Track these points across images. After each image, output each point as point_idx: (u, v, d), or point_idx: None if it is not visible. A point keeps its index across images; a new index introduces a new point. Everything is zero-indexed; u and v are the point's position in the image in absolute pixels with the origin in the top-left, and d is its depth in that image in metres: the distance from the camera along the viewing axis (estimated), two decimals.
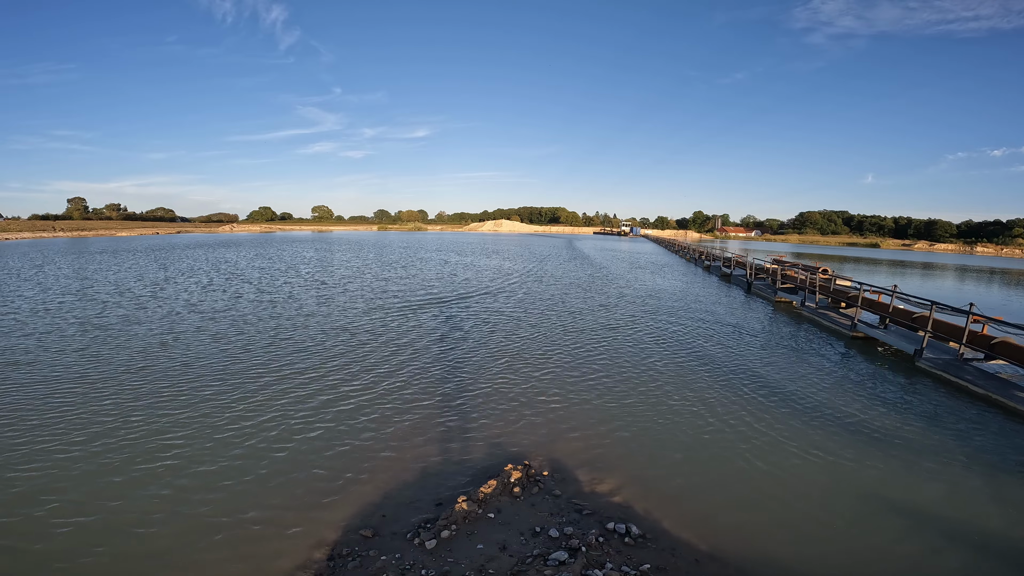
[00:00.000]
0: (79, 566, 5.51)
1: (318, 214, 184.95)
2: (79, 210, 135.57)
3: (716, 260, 45.19)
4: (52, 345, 14.02)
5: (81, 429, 8.79)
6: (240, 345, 14.36)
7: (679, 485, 7.44)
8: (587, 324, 18.42)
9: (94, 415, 9.40)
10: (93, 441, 8.36)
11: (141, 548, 5.77)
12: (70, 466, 7.55)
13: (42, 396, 10.28)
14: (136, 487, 7.04)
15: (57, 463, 7.63)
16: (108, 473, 7.40)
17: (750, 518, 6.65)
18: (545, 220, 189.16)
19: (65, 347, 13.87)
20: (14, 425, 8.91)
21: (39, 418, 9.22)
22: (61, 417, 9.27)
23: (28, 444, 8.21)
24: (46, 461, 7.68)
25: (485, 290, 26.86)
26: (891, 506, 7.03)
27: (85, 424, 9.00)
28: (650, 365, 13.41)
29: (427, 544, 5.77)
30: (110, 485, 7.08)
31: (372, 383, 11.44)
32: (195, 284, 27.20)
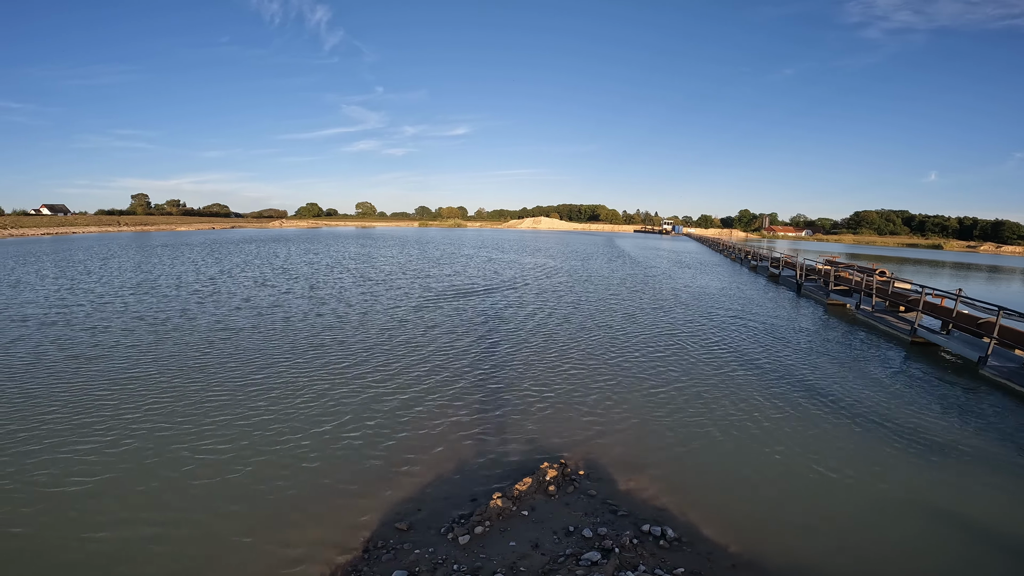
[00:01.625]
0: (119, 551, 5.84)
1: (362, 210, 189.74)
2: (142, 206, 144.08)
3: (763, 260, 43.56)
4: (109, 340, 14.94)
5: (112, 428, 9.32)
6: (288, 340, 14.87)
7: (719, 490, 7.21)
8: (629, 323, 18.12)
9: (145, 411, 9.94)
10: (136, 437, 8.84)
11: (196, 531, 6.04)
12: (114, 451, 8.03)
13: (103, 387, 10.97)
14: (184, 476, 7.39)
15: (101, 448, 8.13)
16: (159, 466, 7.79)
17: (792, 527, 6.37)
18: (584, 218, 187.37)
19: (122, 341, 14.75)
20: (81, 417, 9.54)
21: (94, 411, 9.84)
22: (96, 413, 9.87)
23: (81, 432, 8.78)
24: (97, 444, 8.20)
25: (529, 288, 26.85)
26: (948, 522, 6.58)
27: (120, 422, 9.54)
28: (692, 367, 13.06)
29: (460, 539, 5.79)
30: (160, 477, 7.46)
31: (414, 379, 11.61)
32: (248, 279, 28.41)
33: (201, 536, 5.93)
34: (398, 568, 5.35)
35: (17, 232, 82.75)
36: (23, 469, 7.32)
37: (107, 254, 43.72)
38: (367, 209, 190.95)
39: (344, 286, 25.55)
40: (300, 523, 6.18)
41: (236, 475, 7.26)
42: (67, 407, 9.52)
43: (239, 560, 5.55)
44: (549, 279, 30.08)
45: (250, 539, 5.87)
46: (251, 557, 5.59)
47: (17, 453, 7.77)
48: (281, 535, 5.95)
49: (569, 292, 25.43)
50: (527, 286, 27.23)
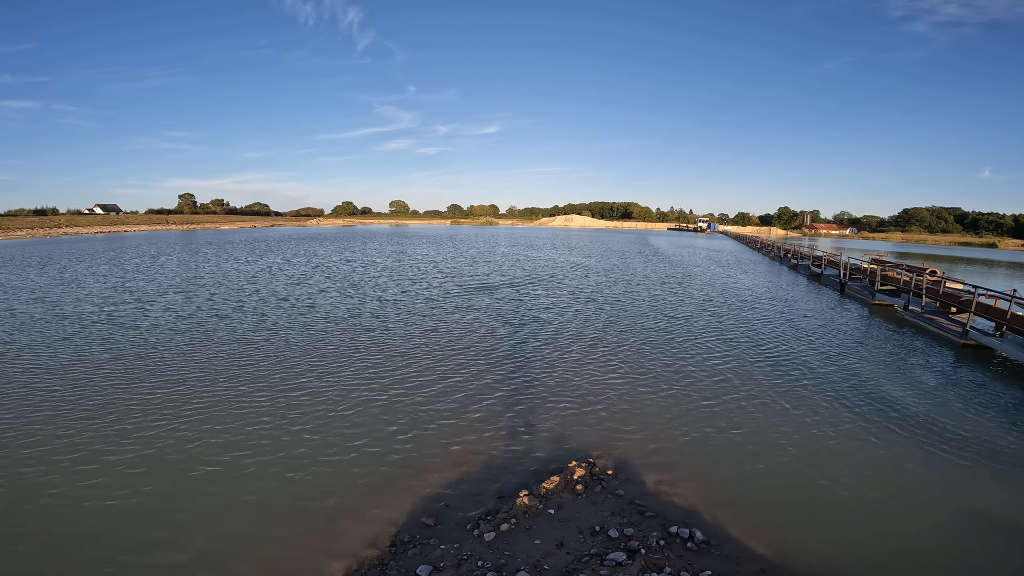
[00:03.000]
0: (151, 537, 6.11)
1: (395, 208, 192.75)
2: (189, 205, 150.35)
3: (804, 258, 42.09)
4: (153, 340, 15.66)
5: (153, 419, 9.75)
6: (324, 337, 15.26)
7: (750, 494, 7.04)
8: (663, 322, 17.84)
9: (188, 406, 10.38)
10: (178, 429, 9.23)
11: (225, 520, 6.28)
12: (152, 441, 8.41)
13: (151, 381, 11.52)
14: (218, 466, 7.68)
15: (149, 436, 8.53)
16: (195, 460, 8.13)
17: (826, 536, 6.17)
18: (617, 215, 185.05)
19: (165, 341, 15.44)
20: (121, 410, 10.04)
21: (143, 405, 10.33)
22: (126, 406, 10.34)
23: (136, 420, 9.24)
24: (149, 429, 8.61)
25: (564, 286, 26.76)
26: (1001, 535, 6.22)
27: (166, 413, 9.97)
28: (727, 369, 12.75)
29: (486, 536, 5.84)
30: (197, 471, 7.77)
31: (445, 374, 11.74)
32: (288, 277, 29.30)
33: (231, 525, 6.14)
34: (423, 563, 5.42)
35: (72, 231, 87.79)
36: (57, 464, 7.75)
37: (155, 252, 45.85)
38: (400, 207, 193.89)
39: (380, 284, 26.03)
40: (330, 515, 6.33)
41: (269, 467, 7.51)
42: (109, 408, 10.01)
43: (268, 550, 5.72)
44: (587, 278, 29.86)
45: (280, 531, 6.04)
46: (279, 548, 5.75)
47: (55, 447, 8.24)
48: (311, 527, 6.10)
49: (603, 291, 25.20)
50: (562, 285, 27.11)
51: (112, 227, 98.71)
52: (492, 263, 37.72)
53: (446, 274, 30.37)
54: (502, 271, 32.68)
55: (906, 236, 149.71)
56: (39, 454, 7.76)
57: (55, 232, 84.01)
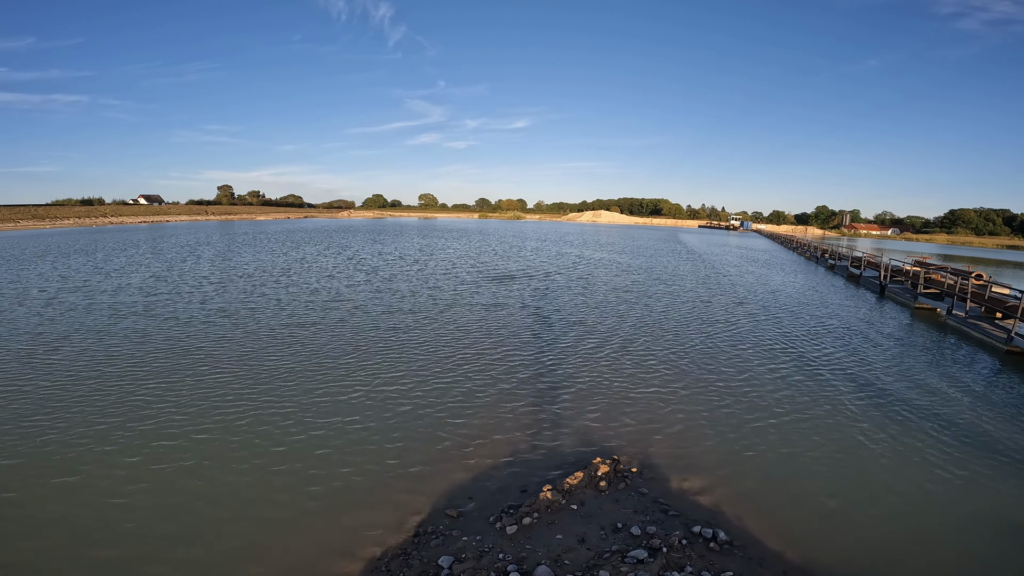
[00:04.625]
0: (177, 522, 6.36)
1: (424, 202, 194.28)
2: (227, 196, 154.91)
3: (842, 259, 40.73)
4: (196, 331, 16.22)
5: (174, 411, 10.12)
6: (354, 331, 15.55)
7: (777, 496, 6.94)
8: (692, 321, 17.58)
9: (221, 397, 10.74)
10: (211, 420, 9.56)
11: (252, 509, 6.44)
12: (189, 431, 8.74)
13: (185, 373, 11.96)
14: (242, 453, 7.92)
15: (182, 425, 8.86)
16: (231, 452, 8.41)
17: (854, 539, 6.05)
18: (646, 212, 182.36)
19: (205, 331, 15.99)
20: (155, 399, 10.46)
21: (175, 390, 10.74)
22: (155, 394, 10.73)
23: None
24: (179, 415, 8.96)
25: (596, 284, 26.63)
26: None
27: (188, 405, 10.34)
28: (756, 369, 12.50)
29: (508, 529, 5.90)
30: (223, 459, 8.02)
31: (472, 370, 11.86)
32: (320, 269, 29.99)
33: (258, 511, 6.30)
34: (445, 553, 5.52)
35: (117, 220, 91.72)
36: (103, 449, 8.14)
37: (195, 242, 47.53)
38: (429, 201, 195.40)
39: (412, 278, 26.36)
40: (356, 505, 6.47)
41: (297, 455, 7.71)
42: (154, 395, 10.43)
43: (293, 537, 5.85)
44: (620, 276, 29.54)
45: (306, 518, 6.18)
46: (305, 535, 5.90)
47: (99, 434, 8.64)
48: (336, 516, 6.24)
49: (635, 288, 24.96)
50: (595, 282, 26.96)
51: (155, 217, 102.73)
52: (523, 258, 37.69)
53: (478, 268, 30.53)
54: (534, 266, 32.64)
55: (951, 238, 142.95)
56: (57, 446, 8.19)
57: (101, 221, 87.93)
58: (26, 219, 79.55)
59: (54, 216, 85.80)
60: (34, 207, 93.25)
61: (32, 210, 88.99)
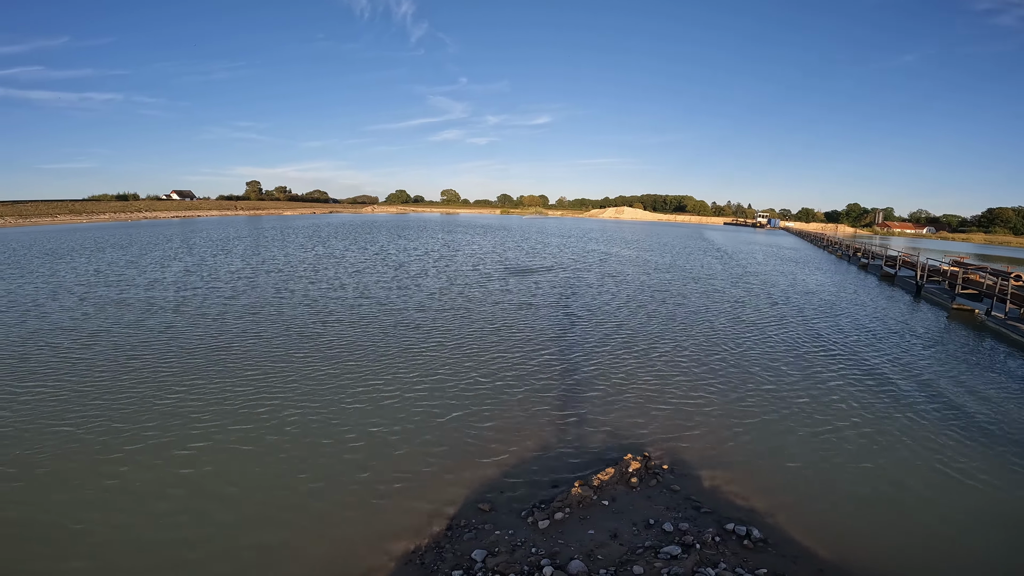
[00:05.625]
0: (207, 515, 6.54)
1: (446, 197, 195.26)
2: (255, 192, 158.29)
3: (876, 258, 39.60)
4: (227, 328, 16.60)
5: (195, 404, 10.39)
6: (384, 327, 15.72)
7: (811, 495, 6.88)
8: (722, 319, 17.35)
9: (252, 393, 10.98)
10: (243, 414, 9.80)
11: (284, 505, 6.44)
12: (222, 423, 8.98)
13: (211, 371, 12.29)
14: (280, 446, 8.09)
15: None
16: (263, 456, 8.59)
17: (889, 539, 5.98)
18: (670, 209, 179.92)
19: (240, 329, 16.38)
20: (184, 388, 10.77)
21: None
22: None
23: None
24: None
25: (625, 280, 26.49)
26: None
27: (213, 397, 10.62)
28: (788, 368, 12.30)
29: (540, 524, 5.94)
30: (261, 452, 8.20)
31: (504, 365, 11.93)
32: (348, 265, 30.45)
33: (292, 502, 6.39)
34: (478, 547, 5.58)
35: (151, 215, 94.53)
36: (150, 442, 8.43)
37: (225, 238, 48.75)
38: (451, 196, 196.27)
39: (439, 274, 26.57)
40: (388, 498, 6.54)
41: (331, 448, 7.85)
42: (186, 392, 10.60)
43: (328, 528, 5.94)
44: (649, 274, 29.23)
45: (340, 510, 6.27)
46: (339, 526, 5.97)
47: (141, 428, 8.95)
48: (369, 509, 6.31)
49: (663, 286, 24.73)
50: (623, 278, 26.79)
51: (187, 212, 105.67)
52: (549, 255, 37.59)
53: (503, 265, 30.60)
54: (560, 263, 32.56)
55: (989, 238, 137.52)
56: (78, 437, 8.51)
57: (136, 216, 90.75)
58: (64, 213, 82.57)
59: (91, 211, 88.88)
60: (71, 202, 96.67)
61: (70, 205, 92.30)
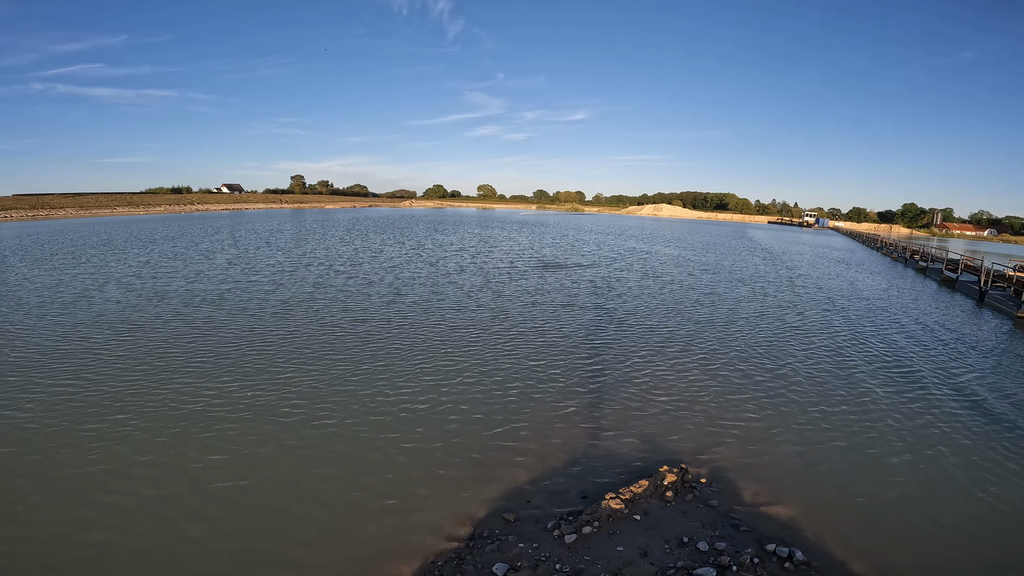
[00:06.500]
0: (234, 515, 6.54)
1: (483, 192, 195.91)
2: (299, 186, 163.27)
3: (935, 261, 37.27)
4: (265, 323, 16.94)
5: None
6: (414, 326, 15.68)
7: (859, 515, 6.46)
8: (766, 324, 16.63)
9: (279, 390, 10.98)
10: (273, 416, 9.88)
11: (303, 509, 6.24)
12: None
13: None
14: (297, 455, 7.91)
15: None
16: (287, 443, 8.50)
17: (940, 563, 5.59)
18: (711, 206, 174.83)
19: (275, 324, 16.68)
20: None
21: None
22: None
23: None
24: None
25: (667, 280, 25.86)
26: None
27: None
28: (835, 377, 11.63)
29: (566, 538, 5.68)
30: (278, 455, 8.15)
31: (535, 366, 11.66)
32: (384, 262, 30.83)
33: (314, 508, 6.21)
34: (500, 560, 5.35)
35: (203, 207, 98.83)
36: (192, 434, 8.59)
37: (269, 231, 50.30)
38: (487, 192, 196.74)
39: (474, 271, 26.53)
40: (411, 502, 6.35)
41: (354, 452, 7.62)
42: (218, 389, 10.63)
43: (349, 534, 5.76)
44: (692, 276, 28.27)
45: (361, 516, 6.08)
46: (360, 533, 5.80)
47: (185, 416, 9.15)
48: (389, 515, 6.13)
49: (704, 286, 23.97)
50: (664, 279, 26.13)
51: (235, 205, 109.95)
52: (586, 253, 37.01)
53: (539, 262, 30.28)
54: (597, 262, 31.97)
55: None
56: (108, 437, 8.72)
57: (188, 208, 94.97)
58: (122, 206, 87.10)
59: (147, 203, 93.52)
60: (129, 195, 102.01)
61: (128, 197, 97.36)
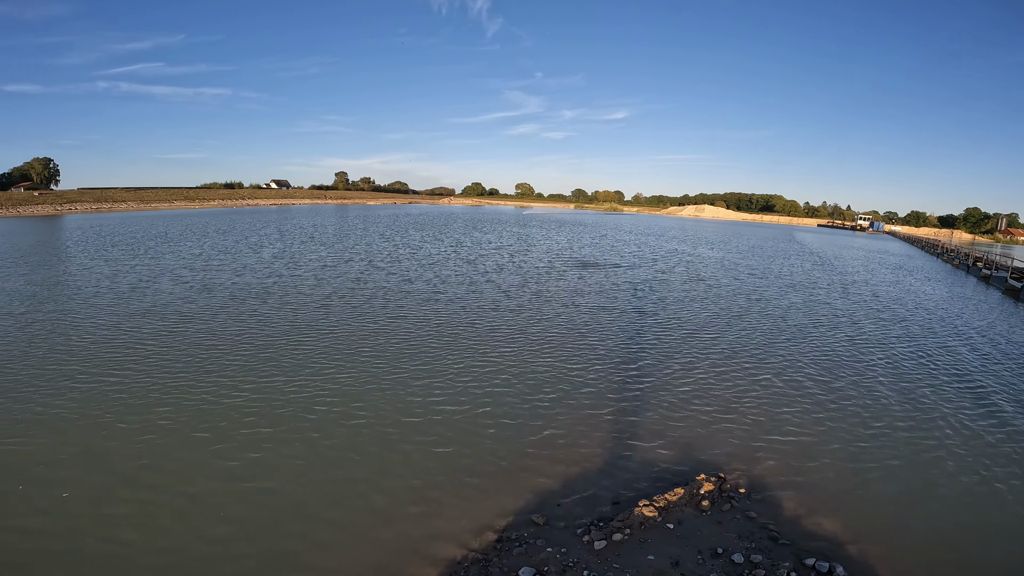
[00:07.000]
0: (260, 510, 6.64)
1: (520, 191, 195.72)
2: (343, 182, 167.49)
3: (999, 269, 34.86)
4: (302, 317, 17.33)
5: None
6: (449, 325, 15.78)
7: (905, 530, 6.18)
8: (816, 331, 15.97)
9: (311, 391, 11.13)
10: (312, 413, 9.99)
11: (333, 508, 6.22)
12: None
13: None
14: (327, 454, 7.76)
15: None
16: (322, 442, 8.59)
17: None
18: (756, 208, 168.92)
19: (310, 319, 17.05)
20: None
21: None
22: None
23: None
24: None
25: (712, 283, 25.25)
26: None
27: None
28: (886, 387, 11.08)
29: (596, 544, 5.57)
30: (313, 454, 8.16)
31: (572, 368, 11.54)
32: (423, 258, 31.24)
33: (346, 505, 6.22)
34: (527, 564, 5.26)
35: (252, 202, 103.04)
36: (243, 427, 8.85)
37: (313, 226, 51.87)
38: (525, 190, 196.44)
39: (512, 271, 26.60)
40: (441, 506, 6.28)
41: (387, 450, 7.62)
42: (251, 387, 10.89)
43: (378, 532, 5.76)
44: (741, 281, 27.35)
45: (389, 516, 6.08)
46: (387, 532, 5.77)
47: (230, 407, 9.42)
48: (420, 511, 6.13)
49: (749, 290, 23.25)
50: (707, 283, 25.49)
51: (283, 200, 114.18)
52: (626, 254, 36.50)
53: (580, 262, 30.04)
54: (637, 263, 31.49)
55: None
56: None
57: (239, 203, 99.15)
58: (180, 200, 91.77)
59: (203, 198, 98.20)
60: (186, 189, 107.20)
61: (184, 192, 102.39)
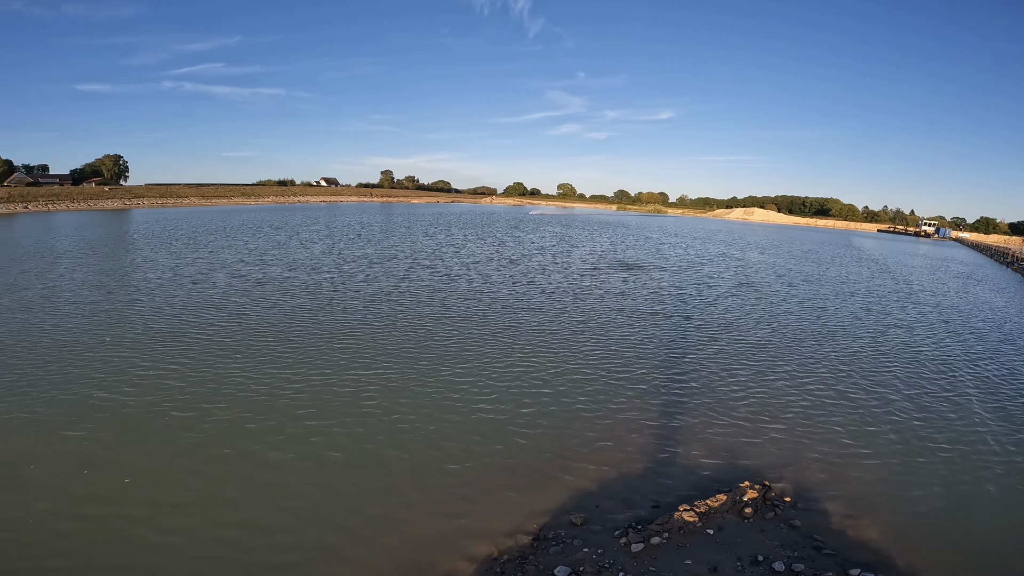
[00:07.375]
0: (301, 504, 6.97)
1: (562, 191, 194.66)
2: (388, 180, 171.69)
3: None
4: (349, 314, 18.03)
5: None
6: (496, 326, 15.77)
7: (955, 545, 6.06)
8: (869, 340, 15.40)
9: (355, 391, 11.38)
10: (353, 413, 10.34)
11: (372, 504, 6.29)
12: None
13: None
14: (367, 448, 7.85)
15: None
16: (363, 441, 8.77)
17: None
18: (810, 212, 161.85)
19: (356, 315, 17.67)
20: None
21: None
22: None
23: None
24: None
25: (765, 288, 24.74)
26: None
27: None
28: (945, 403, 10.65)
29: (633, 547, 5.62)
30: (352, 450, 8.19)
31: (615, 369, 11.59)
32: (466, 257, 31.68)
33: (383, 500, 6.34)
34: (563, 564, 5.33)
35: (303, 199, 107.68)
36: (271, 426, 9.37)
37: (360, 223, 53.56)
38: (567, 190, 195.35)
39: (555, 272, 26.71)
40: (479, 503, 6.39)
41: (425, 447, 7.77)
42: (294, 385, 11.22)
43: (415, 528, 5.87)
44: (794, 288, 26.48)
45: (426, 512, 6.17)
46: (424, 529, 5.87)
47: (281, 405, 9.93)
48: (458, 508, 6.26)
49: (801, 296, 22.56)
50: (760, 288, 24.92)
51: (332, 197, 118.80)
52: (671, 257, 35.97)
53: (624, 265, 29.84)
54: (683, 267, 30.99)
55: None
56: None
57: (291, 200, 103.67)
58: (237, 196, 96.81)
59: (258, 194, 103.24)
60: (243, 186, 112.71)
61: (241, 188, 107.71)
